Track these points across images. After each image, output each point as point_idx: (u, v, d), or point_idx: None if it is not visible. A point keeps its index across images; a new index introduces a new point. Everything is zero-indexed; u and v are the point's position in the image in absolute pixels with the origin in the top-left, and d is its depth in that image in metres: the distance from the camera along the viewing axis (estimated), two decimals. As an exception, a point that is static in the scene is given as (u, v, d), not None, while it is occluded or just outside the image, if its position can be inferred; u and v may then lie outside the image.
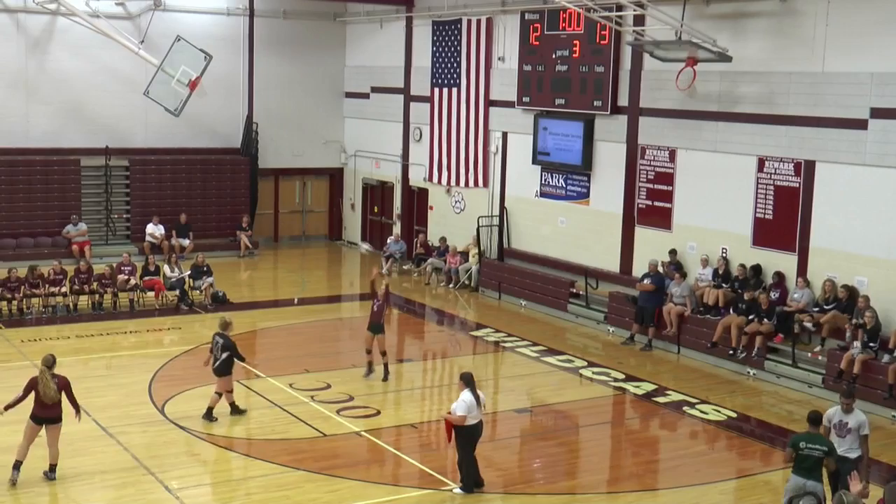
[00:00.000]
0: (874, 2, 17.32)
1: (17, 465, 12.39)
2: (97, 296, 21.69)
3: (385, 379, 17.22)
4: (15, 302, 21.02)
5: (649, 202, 21.54)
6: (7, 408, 12.53)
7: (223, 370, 15.03)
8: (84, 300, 21.75)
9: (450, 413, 12.60)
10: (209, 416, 15.03)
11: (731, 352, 18.59)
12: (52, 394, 12.36)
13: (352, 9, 30.40)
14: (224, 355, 15.00)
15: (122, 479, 12.84)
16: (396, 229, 28.90)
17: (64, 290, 21.35)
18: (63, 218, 26.75)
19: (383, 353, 17.25)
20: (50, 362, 12.52)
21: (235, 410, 15.24)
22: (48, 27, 27.12)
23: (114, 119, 28.01)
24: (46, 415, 12.41)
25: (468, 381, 12.59)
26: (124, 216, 28.19)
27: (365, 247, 17.03)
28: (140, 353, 19.02)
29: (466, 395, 12.51)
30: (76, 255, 25.41)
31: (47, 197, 26.87)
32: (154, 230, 27.38)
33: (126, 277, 22.11)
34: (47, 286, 21.25)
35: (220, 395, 15.16)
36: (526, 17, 24.18)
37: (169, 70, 25.80)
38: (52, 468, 12.60)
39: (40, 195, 26.80)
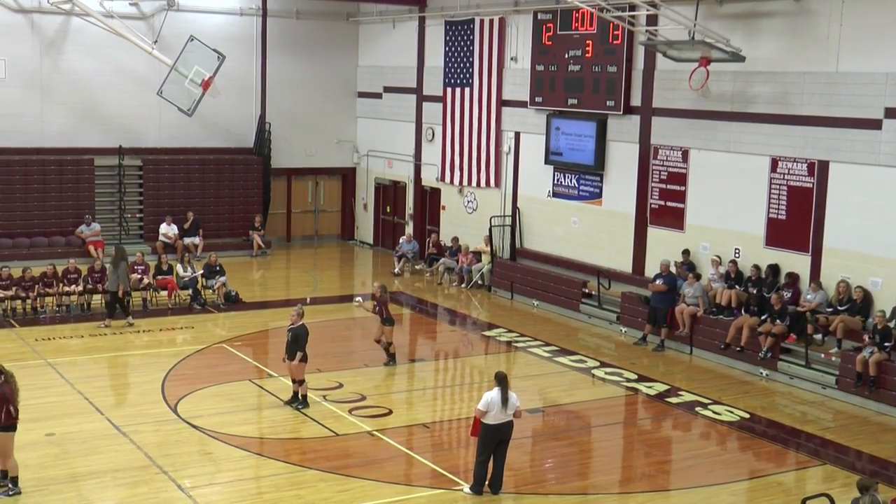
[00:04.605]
0: (888, 1, 17.24)
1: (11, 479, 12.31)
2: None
3: (386, 364, 18.27)
4: (29, 301, 21.13)
5: (662, 202, 21.49)
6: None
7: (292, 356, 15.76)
8: (97, 299, 21.83)
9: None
10: (304, 402, 15.76)
11: (739, 349, 18.49)
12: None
13: (364, 9, 30.43)
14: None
15: (134, 478, 12.88)
16: (409, 229, 28.92)
17: (78, 289, 21.43)
18: (77, 217, 26.88)
19: (389, 343, 18.36)
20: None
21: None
22: (62, 27, 27.24)
23: (127, 119, 28.11)
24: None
25: (500, 380, 12.56)
26: (137, 216, 28.28)
27: (358, 300, 18.41)
28: (153, 353, 19.07)
29: (491, 392, 12.51)
30: (93, 256, 25.51)
31: (61, 196, 26.98)
32: (167, 230, 27.47)
33: (139, 277, 22.17)
34: (61, 285, 21.34)
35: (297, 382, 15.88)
36: (538, 17, 24.16)
37: (182, 70, 25.87)
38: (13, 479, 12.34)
39: (54, 194, 26.91)
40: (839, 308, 17.54)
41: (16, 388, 12.20)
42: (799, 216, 18.72)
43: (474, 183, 26.59)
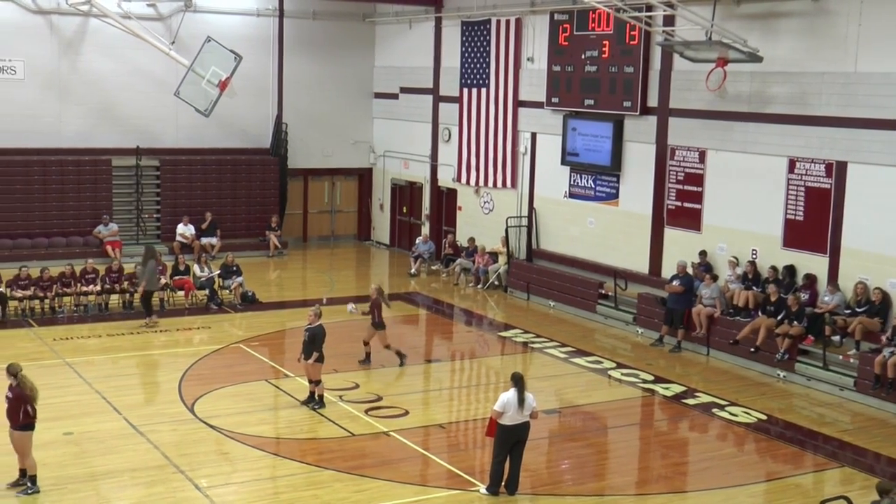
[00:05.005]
0: (908, 1, 17.16)
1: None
2: (128, 295, 21.87)
3: (361, 361, 18.27)
4: (47, 301, 21.24)
5: (679, 203, 21.43)
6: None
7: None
8: (115, 299, 21.94)
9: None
10: (320, 402, 15.77)
11: (753, 350, 18.41)
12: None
13: (381, 9, 30.46)
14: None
15: (151, 477, 12.93)
16: (425, 230, 28.94)
17: (96, 288, 21.53)
18: (95, 217, 27.00)
19: (387, 347, 18.24)
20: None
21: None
22: (81, 28, 27.38)
23: (145, 119, 28.22)
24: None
25: (516, 381, 12.56)
26: (154, 216, 28.41)
27: (350, 308, 18.44)
28: (170, 352, 19.15)
29: (507, 393, 12.51)
30: (111, 256, 25.64)
31: (79, 196, 27.12)
32: (184, 230, 27.57)
33: (156, 276, 22.23)
34: (79, 285, 21.45)
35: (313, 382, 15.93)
36: (555, 18, 24.13)
37: (199, 71, 25.96)
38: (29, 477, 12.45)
39: (72, 195, 27.05)
40: (857, 310, 17.45)
41: (35, 393, 12.22)
42: (816, 217, 18.63)
43: (490, 183, 26.58)
